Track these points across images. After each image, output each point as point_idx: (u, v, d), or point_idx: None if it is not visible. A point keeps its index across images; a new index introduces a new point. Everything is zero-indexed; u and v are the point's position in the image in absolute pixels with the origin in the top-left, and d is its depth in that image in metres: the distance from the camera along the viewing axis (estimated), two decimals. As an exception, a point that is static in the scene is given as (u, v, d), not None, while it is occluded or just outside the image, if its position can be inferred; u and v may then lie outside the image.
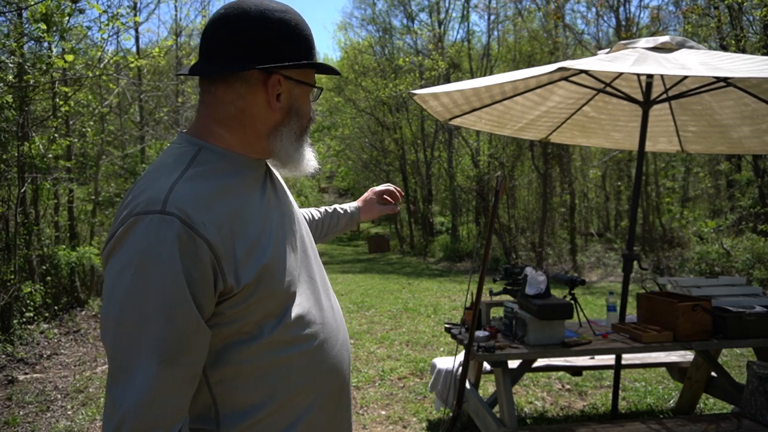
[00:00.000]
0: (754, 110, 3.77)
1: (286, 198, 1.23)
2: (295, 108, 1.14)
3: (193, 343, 0.94)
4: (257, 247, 1.03)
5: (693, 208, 14.97)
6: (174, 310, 0.92)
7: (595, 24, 16.19)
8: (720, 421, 2.83)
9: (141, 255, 0.92)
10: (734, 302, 3.08)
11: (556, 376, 4.72)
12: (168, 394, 0.92)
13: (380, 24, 22.29)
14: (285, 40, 1.09)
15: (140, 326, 0.91)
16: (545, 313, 2.75)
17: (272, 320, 1.05)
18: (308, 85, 1.16)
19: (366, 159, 22.60)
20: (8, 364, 5.15)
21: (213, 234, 0.96)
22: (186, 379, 0.95)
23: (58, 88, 6.85)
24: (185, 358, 0.94)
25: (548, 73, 2.55)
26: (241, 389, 1.03)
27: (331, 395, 1.15)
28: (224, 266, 0.97)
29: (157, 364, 0.91)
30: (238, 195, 1.06)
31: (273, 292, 1.04)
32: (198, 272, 0.94)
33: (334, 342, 1.17)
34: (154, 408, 0.90)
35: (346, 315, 7.74)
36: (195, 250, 0.93)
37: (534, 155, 14.86)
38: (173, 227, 0.92)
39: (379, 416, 3.92)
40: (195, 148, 1.07)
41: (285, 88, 1.11)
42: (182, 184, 0.98)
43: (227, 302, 0.99)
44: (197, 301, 0.94)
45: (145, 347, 0.91)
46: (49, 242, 7.27)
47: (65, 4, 5.65)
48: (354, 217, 1.74)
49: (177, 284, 0.92)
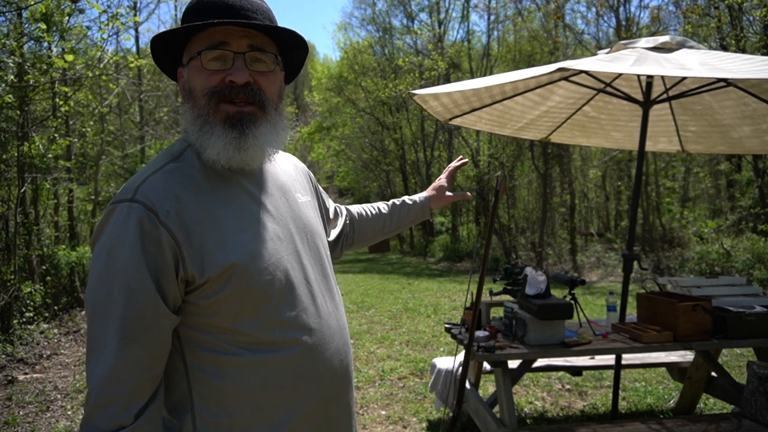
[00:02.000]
0: (755, 110, 3.76)
1: (285, 197, 1.18)
2: (188, 89, 1.08)
3: (153, 324, 0.98)
4: (229, 242, 1.02)
5: (693, 208, 14.97)
6: (135, 292, 0.96)
7: (595, 24, 16.20)
8: (720, 421, 2.83)
9: (112, 240, 0.98)
10: (734, 302, 3.08)
11: (556, 376, 4.71)
12: (126, 372, 0.96)
13: (380, 24, 22.31)
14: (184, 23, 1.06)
15: (107, 306, 0.96)
16: (545, 313, 2.75)
17: (248, 318, 1.03)
18: (195, 57, 1.04)
19: (366, 159, 22.59)
20: (8, 364, 5.15)
21: (176, 223, 0.98)
22: (144, 359, 0.97)
23: (58, 88, 6.85)
24: (144, 339, 0.97)
25: (548, 73, 2.54)
26: (218, 383, 1.03)
27: (316, 405, 1.10)
28: (186, 255, 0.99)
29: (117, 343, 0.95)
30: (215, 190, 1.06)
31: (246, 290, 1.02)
32: (160, 258, 0.98)
33: (323, 350, 1.11)
34: (113, 384, 0.95)
35: (347, 315, 7.72)
36: (158, 237, 0.97)
37: (534, 155, 14.86)
38: (138, 213, 0.97)
39: (379, 416, 3.92)
40: (185, 144, 1.10)
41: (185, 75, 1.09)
42: (158, 175, 1.03)
43: (196, 293, 1.01)
44: (159, 285, 0.98)
45: (111, 326, 0.96)
46: (49, 242, 7.27)
47: (65, 4, 5.66)
48: (425, 207, 1.64)
49: (138, 268, 0.96)
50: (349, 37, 24.55)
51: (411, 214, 1.64)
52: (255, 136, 1.05)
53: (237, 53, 1.03)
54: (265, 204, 1.12)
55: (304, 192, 1.26)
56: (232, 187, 1.08)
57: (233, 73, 1.02)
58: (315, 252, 1.19)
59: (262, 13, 1.07)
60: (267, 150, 1.09)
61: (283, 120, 1.13)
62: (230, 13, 1.02)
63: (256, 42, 1.05)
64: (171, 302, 1.00)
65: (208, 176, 1.07)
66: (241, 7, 1.04)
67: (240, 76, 1.02)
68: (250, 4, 1.06)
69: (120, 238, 0.97)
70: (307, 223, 1.20)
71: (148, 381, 0.99)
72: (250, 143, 1.04)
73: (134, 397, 0.97)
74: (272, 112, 1.09)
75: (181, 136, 1.14)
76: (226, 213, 1.05)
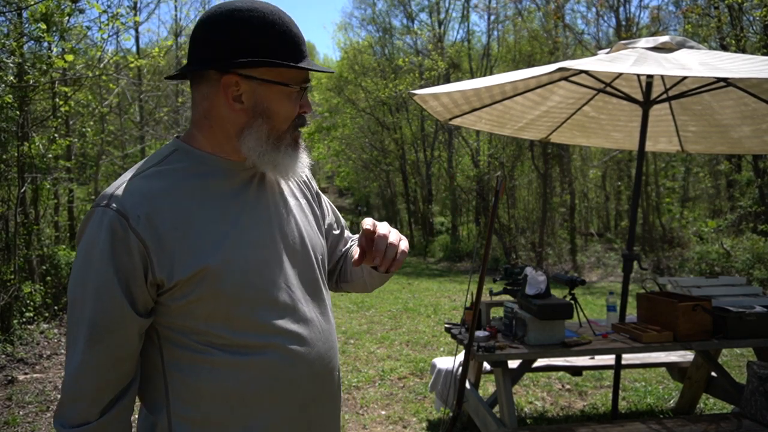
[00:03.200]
0: (754, 110, 3.76)
1: (278, 203, 1.17)
2: (260, 109, 1.10)
3: (118, 327, 1.02)
4: (202, 246, 1.04)
5: (693, 208, 14.98)
6: (102, 294, 1.00)
7: (595, 24, 16.21)
8: (720, 421, 2.83)
9: (87, 243, 1.03)
10: (734, 302, 3.08)
11: (556, 376, 4.71)
12: (91, 371, 1.01)
13: (380, 24, 22.32)
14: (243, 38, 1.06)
15: (80, 307, 1.02)
16: (545, 313, 2.75)
17: (219, 321, 1.05)
18: (281, 84, 1.09)
19: (366, 159, 22.59)
20: (8, 364, 5.15)
21: (146, 229, 1.01)
22: (108, 359, 1.02)
23: (58, 88, 6.85)
24: (109, 340, 1.01)
25: (548, 73, 2.55)
26: (193, 382, 1.05)
27: (294, 409, 1.10)
28: (154, 260, 1.02)
29: (84, 342, 1.01)
30: (193, 195, 1.07)
31: (217, 294, 1.04)
32: (129, 262, 1.01)
33: (304, 355, 1.11)
34: (80, 381, 1.01)
35: (346, 315, 7.74)
36: (127, 241, 1.01)
37: (534, 155, 14.86)
38: (110, 219, 1.01)
39: (379, 416, 3.92)
40: (172, 148, 1.13)
41: (246, 88, 1.09)
42: (136, 180, 1.06)
43: (165, 295, 1.04)
44: (128, 289, 1.02)
45: (81, 326, 1.01)
46: (49, 242, 7.27)
47: (65, 4, 5.66)
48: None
49: (106, 271, 1.00)
50: (349, 37, 24.61)
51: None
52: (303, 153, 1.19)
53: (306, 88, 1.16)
54: (250, 208, 1.12)
55: (299, 195, 1.26)
56: (216, 191, 1.09)
57: (304, 105, 1.15)
58: (302, 257, 1.18)
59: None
60: None
61: None
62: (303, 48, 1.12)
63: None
64: (140, 305, 1.04)
65: (192, 181, 1.08)
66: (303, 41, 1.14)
67: (309, 108, 1.17)
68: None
69: (94, 242, 1.02)
70: (295, 227, 1.19)
71: (113, 380, 1.03)
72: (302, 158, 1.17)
73: (99, 395, 1.02)
74: None
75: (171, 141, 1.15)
76: (205, 217, 1.06)
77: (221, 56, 1.06)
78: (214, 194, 1.09)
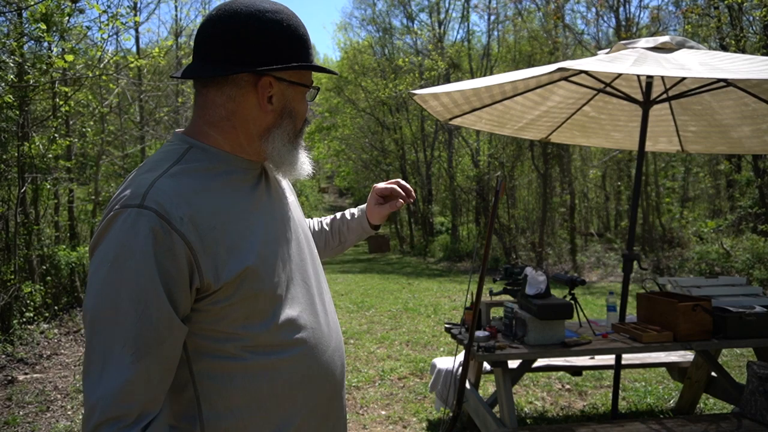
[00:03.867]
0: (754, 110, 3.76)
1: (282, 200, 1.20)
2: (288, 109, 1.13)
3: (166, 338, 0.95)
4: (241, 246, 1.03)
5: (693, 208, 14.97)
6: (147, 304, 0.92)
7: (595, 24, 16.20)
8: (720, 421, 2.83)
9: (117, 248, 0.93)
10: (734, 302, 3.08)
11: (556, 376, 4.71)
12: (140, 386, 0.92)
13: (380, 24, 22.30)
14: (277, 41, 1.07)
15: (114, 319, 0.92)
16: (545, 313, 2.75)
17: (257, 321, 1.04)
18: (302, 85, 1.14)
19: (366, 159, 22.60)
20: (8, 364, 5.15)
21: (190, 230, 0.96)
22: (158, 372, 0.95)
23: (58, 88, 6.85)
24: (158, 352, 0.94)
25: (548, 73, 2.55)
26: (226, 389, 1.03)
27: (320, 403, 1.13)
28: (201, 262, 0.97)
29: (130, 356, 0.91)
30: (223, 194, 1.05)
31: (257, 293, 1.03)
32: (173, 267, 0.94)
33: (325, 348, 1.14)
34: (125, 399, 0.91)
35: (346, 315, 7.75)
36: (171, 245, 0.94)
37: (534, 155, 14.86)
38: (149, 221, 0.93)
39: (379, 416, 3.92)
40: (185, 146, 1.08)
41: (277, 90, 1.10)
42: (164, 179, 0.99)
43: (208, 299, 0.99)
44: (171, 296, 0.95)
45: (118, 340, 0.91)
46: (49, 242, 7.27)
47: (65, 4, 5.66)
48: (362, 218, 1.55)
49: (150, 278, 0.92)
50: (349, 37, 24.63)
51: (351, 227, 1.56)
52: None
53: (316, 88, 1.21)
54: (269, 206, 1.14)
55: (291, 192, 1.30)
56: (237, 191, 1.09)
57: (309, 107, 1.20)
58: (310, 252, 1.23)
59: None
60: None
61: None
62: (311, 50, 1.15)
63: None
64: (182, 313, 0.98)
65: (220, 179, 1.07)
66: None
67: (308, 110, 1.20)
68: None
69: (127, 247, 0.92)
70: (300, 224, 1.23)
71: (160, 393, 0.97)
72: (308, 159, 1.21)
73: (145, 411, 0.94)
74: None
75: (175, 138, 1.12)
76: (235, 216, 1.05)
77: (258, 59, 1.05)
78: (237, 193, 1.08)
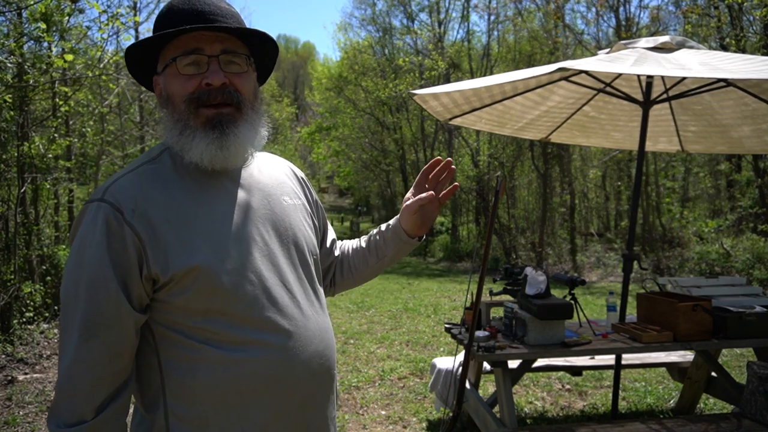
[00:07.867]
0: (755, 110, 3.76)
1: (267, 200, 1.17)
2: (164, 97, 1.11)
3: (113, 321, 1.00)
4: (196, 243, 1.04)
5: (693, 208, 14.96)
6: (97, 288, 1.00)
7: (595, 24, 16.19)
8: (720, 421, 2.83)
9: (81, 238, 1.03)
10: (734, 302, 3.08)
11: (556, 376, 4.71)
12: (86, 367, 0.99)
13: (380, 24, 22.32)
14: (155, 31, 1.08)
15: (73, 303, 1.01)
16: (545, 313, 2.75)
17: (218, 317, 1.04)
18: (168, 64, 1.07)
19: (366, 159, 22.61)
20: (8, 364, 5.15)
21: (141, 221, 1.01)
22: (104, 355, 1.00)
23: (58, 88, 6.84)
24: (104, 335, 1.00)
25: (548, 73, 2.55)
26: (189, 380, 1.04)
27: (289, 410, 1.09)
28: (149, 254, 1.01)
29: (78, 338, 0.99)
30: (186, 191, 1.08)
31: (213, 290, 1.03)
32: (124, 256, 1.01)
33: (299, 353, 1.09)
34: (74, 378, 0.99)
35: (346, 315, 7.74)
36: (123, 235, 1.01)
37: (534, 155, 14.86)
38: (105, 213, 1.01)
39: (379, 416, 3.92)
40: (162, 147, 1.14)
41: (161, 82, 1.11)
42: (128, 176, 1.07)
43: (163, 290, 1.04)
44: (124, 283, 1.01)
45: (74, 323, 1.00)
46: (49, 242, 7.27)
47: (65, 4, 5.65)
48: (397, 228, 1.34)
49: (101, 264, 1.00)
50: (349, 37, 24.57)
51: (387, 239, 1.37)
52: (236, 135, 1.07)
53: (211, 57, 1.06)
54: (242, 205, 1.12)
55: (293, 196, 1.25)
56: (207, 189, 1.10)
57: (209, 76, 1.05)
58: (296, 254, 1.18)
59: (232, 18, 1.11)
60: (248, 148, 1.12)
61: (261, 119, 1.15)
62: (201, 18, 1.06)
63: (228, 45, 1.09)
64: (135, 300, 1.03)
65: (183, 177, 1.09)
66: (211, 12, 1.08)
67: (216, 78, 1.05)
68: (219, 9, 1.09)
69: (88, 237, 1.01)
70: (289, 226, 1.18)
71: (109, 377, 1.01)
72: (231, 142, 1.07)
73: (94, 392, 1.00)
74: (249, 111, 1.11)
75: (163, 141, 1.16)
76: (198, 214, 1.06)
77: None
78: (207, 191, 1.10)
